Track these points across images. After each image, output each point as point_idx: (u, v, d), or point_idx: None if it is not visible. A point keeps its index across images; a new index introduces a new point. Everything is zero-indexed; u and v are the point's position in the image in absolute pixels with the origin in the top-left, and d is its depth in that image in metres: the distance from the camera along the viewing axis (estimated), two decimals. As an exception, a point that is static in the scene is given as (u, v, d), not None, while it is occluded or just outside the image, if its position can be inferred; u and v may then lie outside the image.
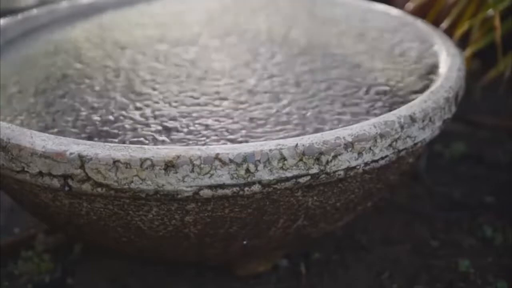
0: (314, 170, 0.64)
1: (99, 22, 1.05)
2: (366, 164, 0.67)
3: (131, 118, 0.76)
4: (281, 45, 0.96)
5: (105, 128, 0.74)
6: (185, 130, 0.74)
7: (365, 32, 0.99)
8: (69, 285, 0.84)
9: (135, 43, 0.98)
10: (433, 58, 0.86)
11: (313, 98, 0.80)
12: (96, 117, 0.77)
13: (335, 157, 0.65)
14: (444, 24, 1.08)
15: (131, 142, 0.71)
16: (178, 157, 0.62)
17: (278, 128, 0.74)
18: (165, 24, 1.05)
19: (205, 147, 0.63)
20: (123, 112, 0.78)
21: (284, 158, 0.63)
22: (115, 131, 0.74)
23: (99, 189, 0.64)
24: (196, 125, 0.74)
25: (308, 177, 0.65)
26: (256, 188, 0.64)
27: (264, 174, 0.63)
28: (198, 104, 0.79)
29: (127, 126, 0.75)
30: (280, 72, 0.87)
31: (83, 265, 0.87)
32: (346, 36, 0.98)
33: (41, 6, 1.09)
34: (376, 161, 0.68)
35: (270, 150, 0.63)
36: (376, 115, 0.75)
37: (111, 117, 0.77)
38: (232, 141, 0.71)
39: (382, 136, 0.67)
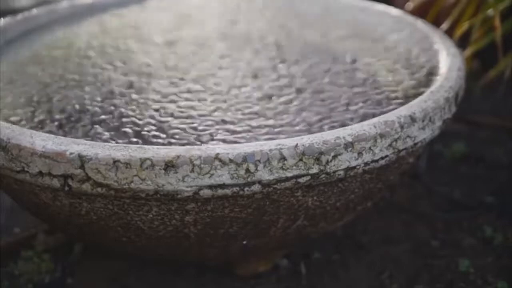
0: (314, 170, 0.64)
1: (100, 22, 1.05)
2: (366, 164, 0.67)
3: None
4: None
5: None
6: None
7: (364, 31, 0.99)
8: (69, 285, 0.84)
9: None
10: (433, 58, 0.86)
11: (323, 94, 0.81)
12: (104, 116, 0.77)
13: (335, 157, 0.65)
14: (445, 25, 1.08)
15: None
16: (178, 157, 0.62)
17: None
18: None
19: (205, 147, 0.63)
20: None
21: (284, 158, 0.63)
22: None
23: (99, 189, 0.64)
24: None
25: (308, 177, 0.65)
26: (256, 188, 0.64)
27: (264, 174, 0.63)
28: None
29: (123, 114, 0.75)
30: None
31: (83, 265, 0.87)
32: (345, 35, 0.99)
33: (41, 6, 1.09)
34: (376, 161, 0.68)
35: (270, 150, 0.63)
36: (376, 114, 0.75)
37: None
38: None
39: (382, 136, 0.67)
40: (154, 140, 0.72)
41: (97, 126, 0.75)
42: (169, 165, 0.62)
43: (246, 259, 0.83)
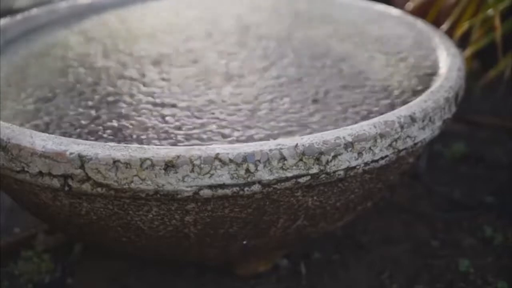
0: (314, 170, 0.64)
1: (100, 21, 1.06)
2: (366, 164, 0.67)
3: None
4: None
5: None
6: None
7: (365, 31, 0.99)
8: (69, 285, 0.84)
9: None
10: (433, 58, 0.86)
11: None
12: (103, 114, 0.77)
13: (335, 157, 0.65)
14: (445, 25, 1.08)
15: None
16: (178, 157, 0.62)
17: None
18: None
19: (205, 147, 0.63)
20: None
21: (284, 158, 0.63)
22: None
23: (99, 189, 0.64)
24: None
25: (308, 177, 0.65)
26: (256, 188, 0.64)
27: (264, 174, 0.63)
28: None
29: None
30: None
31: (83, 265, 0.87)
32: (345, 36, 0.99)
33: (41, 6, 1.09)
34: (376, 161, 0.68)
35: (270, 150, 0.63)
36: (376, 114, 0.75)
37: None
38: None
39: (382, 136, 0.67)
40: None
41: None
42: (169, 165, 0.62)
43: (246, 259, 0.83)
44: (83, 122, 0.76)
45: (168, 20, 1.07)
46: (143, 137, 0.73)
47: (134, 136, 0.73)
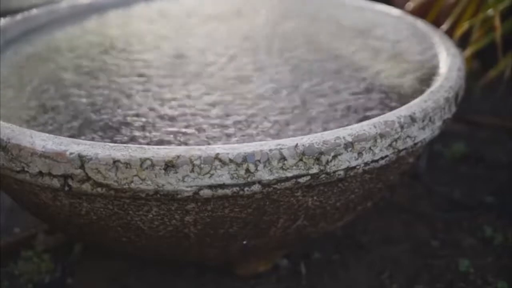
0: (314, 170, 0.64)
1: (99, 22, 1.06)
2: (366, 164, 0.67)
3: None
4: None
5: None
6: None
7: (366, 32, 0.99)
8: (69, 285, 0.84)
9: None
10: (433, 58, 0.86)
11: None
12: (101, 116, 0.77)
13: (335, 157, 0.65)
14: (445, 25, 1.08)
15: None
16: (178, 157, 0.62)
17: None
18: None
19: (205, 147, 0.63)
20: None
21: (284, 158, 0.63)
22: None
23: (99, 189, 0.64)
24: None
25: (308, 177, 0.65)
26: (256, 188, 0.64)
27: (264, 174, 0.63)
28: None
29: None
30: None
31: (83, 265, 0.87)
32: (346, 35, 0.99)
33: (41, 6, 1.09)
34: (376, 161, 0.68)
35: (270, 150, 0.63)
36: (377, 114, 0.75)
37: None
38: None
39: (382, 136, 0.67)
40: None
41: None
42: (169, 165, 0.62)
43: (246, 259, 0.83)
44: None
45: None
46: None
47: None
